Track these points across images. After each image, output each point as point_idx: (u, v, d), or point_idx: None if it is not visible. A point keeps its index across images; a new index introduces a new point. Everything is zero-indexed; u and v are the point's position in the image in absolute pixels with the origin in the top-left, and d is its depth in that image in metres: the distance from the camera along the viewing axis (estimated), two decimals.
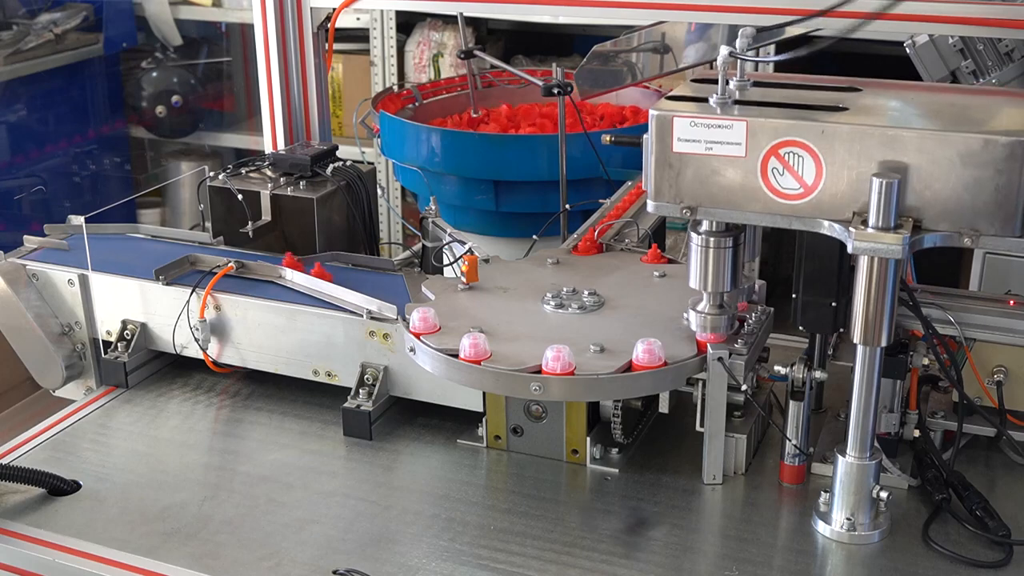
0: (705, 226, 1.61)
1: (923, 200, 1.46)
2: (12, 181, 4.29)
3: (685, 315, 1.78)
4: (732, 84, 1.58)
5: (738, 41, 1.56)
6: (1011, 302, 1.77)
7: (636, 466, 1.82)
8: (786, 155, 1.51)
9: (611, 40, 2.40)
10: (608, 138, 2.19)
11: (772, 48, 2.50)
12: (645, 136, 1.58)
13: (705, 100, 1.57)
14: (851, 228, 1.46)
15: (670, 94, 1.63)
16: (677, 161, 1.56)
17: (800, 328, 1.71)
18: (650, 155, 1.57)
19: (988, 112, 1.58)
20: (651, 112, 1.56)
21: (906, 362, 1.71)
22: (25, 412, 2.44)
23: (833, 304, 1.65)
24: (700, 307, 1.69)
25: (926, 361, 1.73)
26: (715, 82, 1.57)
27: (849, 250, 1.47)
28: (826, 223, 1.51)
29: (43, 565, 1.64)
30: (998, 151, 1.41)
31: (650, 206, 1.60)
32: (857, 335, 1.52)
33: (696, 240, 1.62)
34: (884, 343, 1.53)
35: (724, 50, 1.54)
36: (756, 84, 1.63)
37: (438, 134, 2.50)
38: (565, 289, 1.86)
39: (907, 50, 3.00)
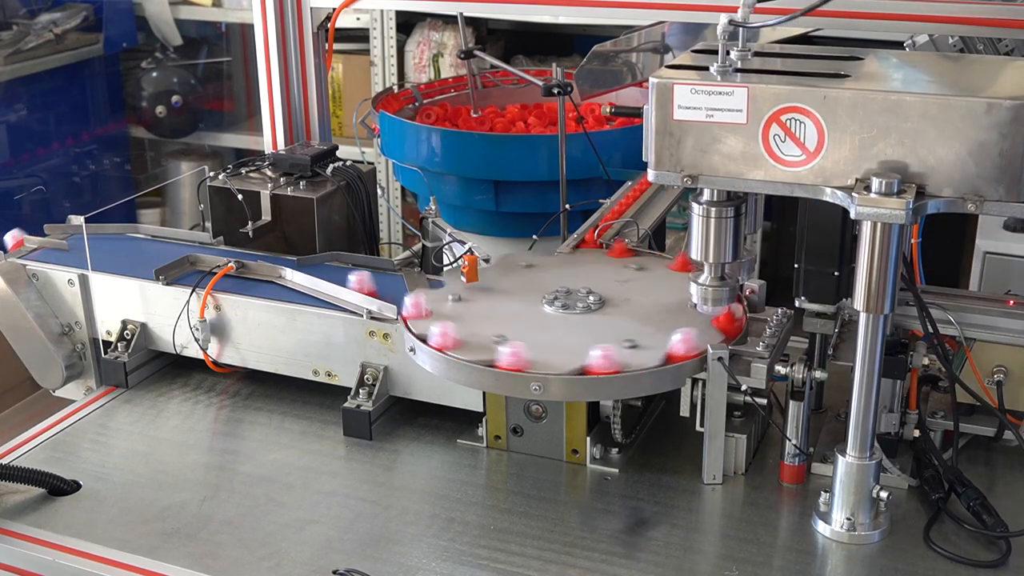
0: (706, 195, 1.59)
1: (926, 166, 1.45)
2: (12, 181, 4.29)
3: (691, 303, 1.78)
4: (733, 54, 1.56)
5: (740, 10, 1.54)
6: (1011, 302, 1.77)
7: (636, 466, 1.82)
8: (788, 122, 1.49)
9: (611, 40, 2.40)
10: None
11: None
12: (645, 105, 1.56)
13: (706, 68, 1.56)
14: (854, 194, 1.45)
15: (670, 63, 1.63)
16: (678, 129, 1.54)
17: (802, 298, 1.69)
18: (650, 124, 1.56)
19: (991, 76, 1.57)
20: (651, 80, 1.54)
21: (906, 362, 1.71)
22: (25, 412, 2.44)
23: (836, 274, 1.64)
24: (701, 279, 1.67)
25: (926, 361, 1.73)
26: (716, 52, 1.56)
27: (852, 216, 1.45)
28: (828, 190, 1.50)
29: (43, 565, 1.64)
30: (1002, 115, 1.40)
31: (651, 175, 1.58)
32: (860, 302, 1.51)
33: (697, 210, 1.61)
34: (887, 311, 1.51)
35: (724, 18, 1.52)
36: (757, 54, 1.61)
37: (438, 134, 2.50)
38: (565, 289, 1.86)
39: (907, 50, 3.00)
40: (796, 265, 1.66)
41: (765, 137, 1.51)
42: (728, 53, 1.55)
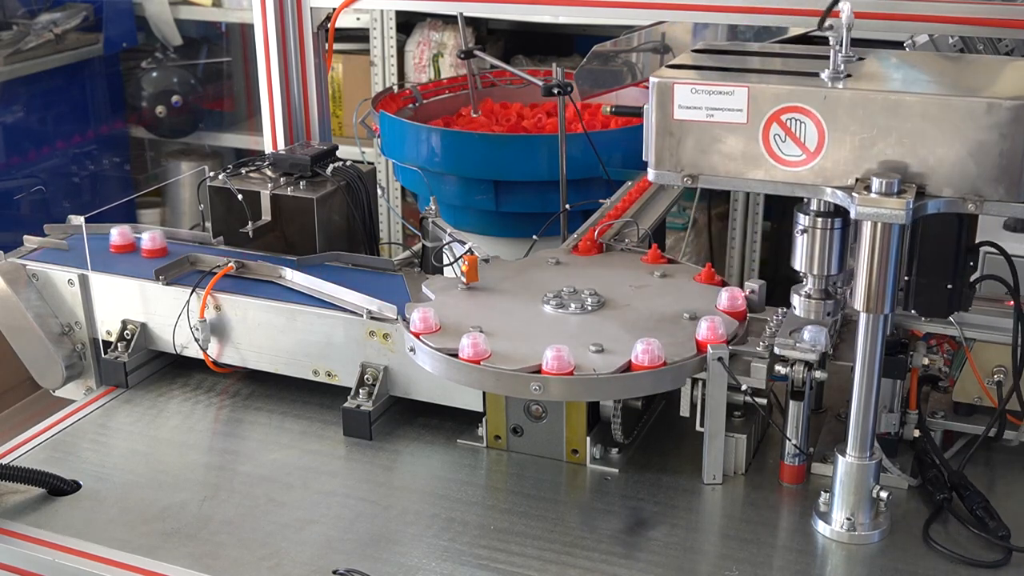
0: (814, 206, 1.56)
1: (927, 166, 1.45)
2: (12, 181, 4.29)
3: (686, 314, 1.78)
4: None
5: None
6: (1011, 302, 1.77)
7: (636, 466, 1.82)
8: (788, 121, 1.49)
9: (611, 40, 2.40)
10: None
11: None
12: (646, 105, 1.57)
13: (706, 68, 1.55)
14: (854, 194, 1.44)
15: (671, 62, 1.63)
16: (678, 129, 1.54)
17: (912, 312, 1.66)
18: (651, 123, 1.56)
19: (991, 76, 1.57)
20: (652, 79, 1.54)
21: (906, 362, 1.71)
22: (25, 412, 2.43)
23: (949, 286, 1.62)
24: (805, 291, 1.63)
25: (926, 361, 1.73)
26: (717, 52, 1.55)
27: (852, 216, 1.45)
28: (829, 190, 1.50)
29: (43, 565, 1.64)
30: (1002, 115, 1.40)
31: (651, 175, 1.58)
32: (860, 302, 1.50)
33: (803, 221, 1.57)
34: (886, 311, 1.51)
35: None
36: (758, 54, 1.60)
37: (438, 134, 2.50)
38: (565, 289, 1.86)
39: (907, 50, 3.00)
40: (907, 278, 1.62)
41: (765, 137, 1.51)
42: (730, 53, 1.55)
